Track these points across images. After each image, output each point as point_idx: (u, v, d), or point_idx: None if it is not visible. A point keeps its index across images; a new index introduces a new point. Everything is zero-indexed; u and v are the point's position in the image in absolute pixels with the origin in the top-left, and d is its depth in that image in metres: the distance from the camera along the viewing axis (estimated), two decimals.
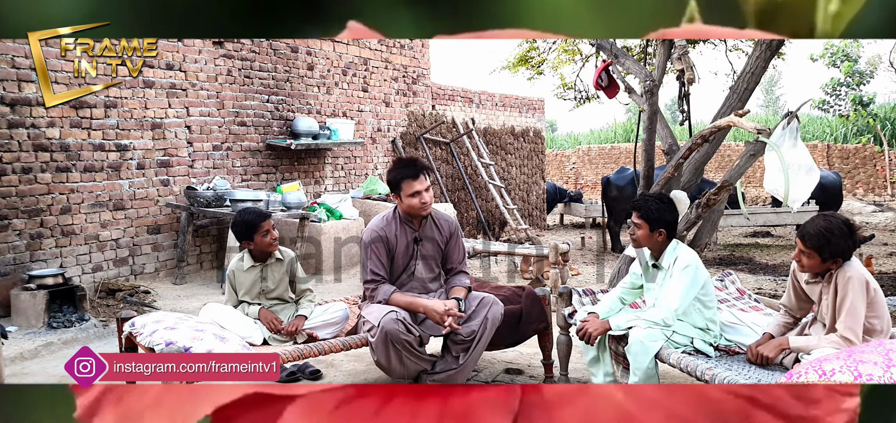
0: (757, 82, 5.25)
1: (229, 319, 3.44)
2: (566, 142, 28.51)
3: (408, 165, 3.46)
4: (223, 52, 7.58)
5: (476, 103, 12.24)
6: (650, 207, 3.26)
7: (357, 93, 9.61)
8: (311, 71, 8.79)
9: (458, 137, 11.38)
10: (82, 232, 6.26)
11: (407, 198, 3.41)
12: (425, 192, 3.42)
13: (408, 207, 3.44)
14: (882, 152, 20.16)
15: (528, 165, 13.68)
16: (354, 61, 9.55)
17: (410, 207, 3.43)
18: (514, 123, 13.36)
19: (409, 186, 3.39)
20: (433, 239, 3.55)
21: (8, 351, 4.59)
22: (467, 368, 3.43)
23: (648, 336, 3.08)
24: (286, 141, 8.14)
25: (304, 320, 3.58)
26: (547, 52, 10.21)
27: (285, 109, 8.40)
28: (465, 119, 11.75)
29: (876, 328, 2.77)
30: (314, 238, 7.34)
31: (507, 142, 13.06)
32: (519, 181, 13.29)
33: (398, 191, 3.43)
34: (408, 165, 3.46)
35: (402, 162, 3.52)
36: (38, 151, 5.89)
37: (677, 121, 11.72)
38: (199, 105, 7.31)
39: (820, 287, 2.89)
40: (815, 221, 2.80)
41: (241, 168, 7.84)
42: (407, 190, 3.40)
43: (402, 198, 3.42)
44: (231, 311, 3.53)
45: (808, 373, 2.34)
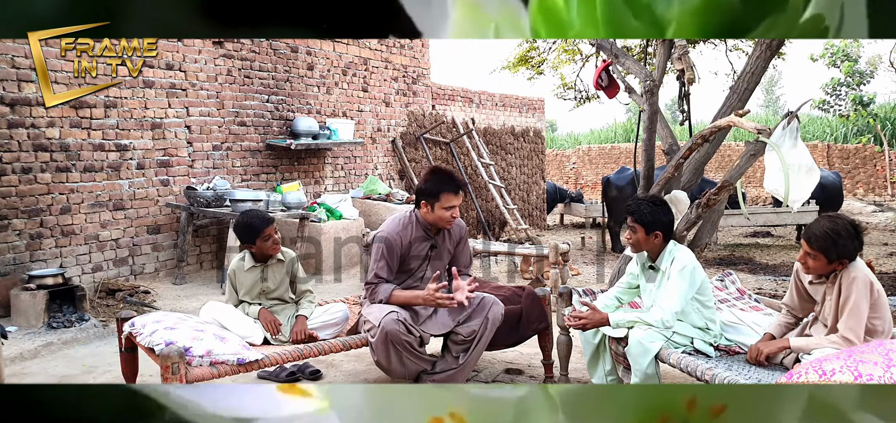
0: (757, 82, 5.24)
1: (229, 317, 3.44)
2: (566, 142, 28.52)
3: (450, 180, 3.41)
4: (223, 52, 7.58)
5: (476, 103, 12.24)
6: (643, 211, 3.26)
7: (357, 93, 9.61)
8: (311, 71, 8.79)
9: (458, 137, 11.38)
10: (82, 232, 6.26)
11: (440, 210, 3.38)
12: (457, 208, 3.41)
13: (437, 219, 3.42)
14: (882, 152, 20.16)
15: (528, 165, 13.67)
16: (354, 61, 9.55)
17: (440, 220, 3.41)
18: (514, 123, 13.36)
19: (448, 200, 3.37)
20: (447, 247, 3.57)
21: (8, 351, 4.58)
22: (467, 368, 3.43)
23: (648, 337, 3.08)
24: (286, 141, 8.14)
25: (306, 321, 3.58)
26: (547, 52, 10.21)
27: (285, 109, 8.39)
28: (465, 119, 11.75)
29: (878, 329, 2.77)
30: (314, 238, 7.34)
31: (507, 142, 13.05)
32: (519, 181, 13.29)
33: (433, 201, 3.38)
34: (450, 179, 3.41)
35: (444, 174, 3.46)
36: (38, 151, 5.89)
37: (677, 121, 11.72)
38: (199, 105, 7.31)
39: (823, 288, 2.88)
40: (821, 222, 2.79)
41: (241, 168, 7.83)
42: (444, 203, 3.37)
43: (435, 208, 3.39)
44: (231, 309, 3.54)
45: (809, 373, 2.34)
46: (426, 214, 3.43)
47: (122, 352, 3.40)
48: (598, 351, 3.50)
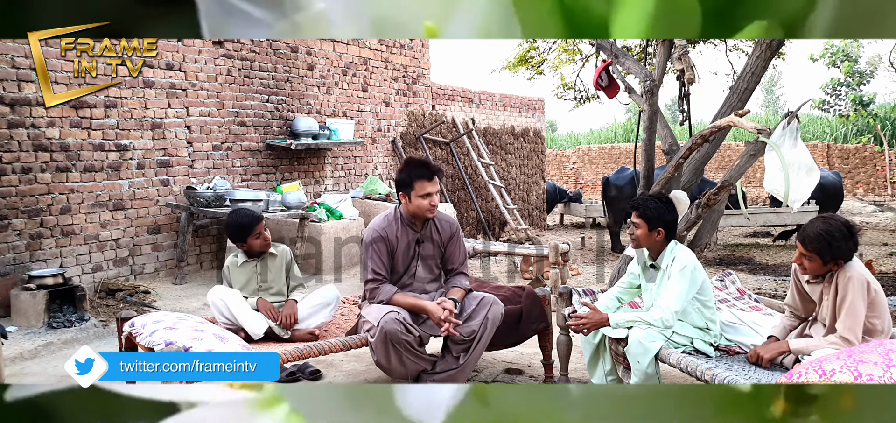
0: (757, 82, 5.24)
1: (234, 302, 3.49)
2: (566, 142, 28.51)
3: (422, 166, 3.42)
4: (223, 52, 7.58)
5: (476, 103, 12.24)
6: (649, 207, 3.26)
7: (357, 93, 9.61)
8: (311, 71, 8.79)
9: (458, 137, 11.38)
10: (82, 232, 6.26)
11: (417, 198, 3.39)
12: (435, 195, 3.41)
13: (415, 209, 3.42)
14: (882, 152, 20.16)
15: (528, 165, 13.67)
16: (354, 61, 9.55)
17: (418, 209, 3.41)
18: (514, 123, 13.36)
19: (422, 187, 3.37)
20: (434, 240, 3.54)
21: (8, 351, 4.59)
22: (467, 368, 3.43)
23: (648, 337, 3.08)
24: (286, 141, 8.14)
25: (296, 304, 3.61)
26: (547, 52, 10.20)
27: (285, 108, 8.39)
28: (465, 119, 11.75)
29: (877, 329, 2.77)
30: (314, 238, 7.34)
31: (507, 142, 13.05)
32: (519, 181, 13.29)
33: (409, 191, 3.40)
34: (422, 165, 3.43)
35: (416, 162, 3.48)
36: (38, 151, 5.89)
37: (677, 121, 11.72)
38: (199, 105, 7.31)
39: (821, 288, 2.89)
40: (815, 224, 2.80)
41: (241, 168, 7.83)
42: (419, 191, 3.37)
43: (412, 198, 3.40)
44: (237, 294, 3.58)
45: (809, 373, 2.34)
46: (406, 205, 3.44)
47: (122, 352, 3.40)
48: (598, 351, 3.50)
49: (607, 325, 3.25)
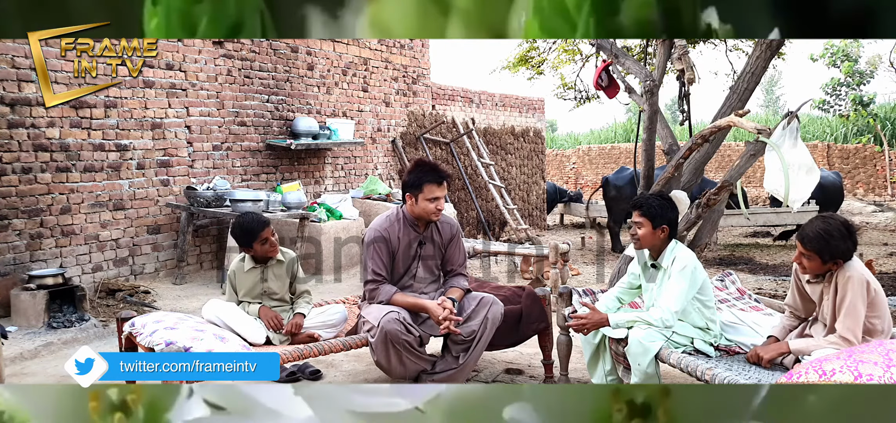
0: (757, 82, 5.24)
1: (232, 315, 3.43)
2: (566, 142, 28.50)
3: (433, 170, 3.40)
4: (223, 52, 7.58)
5: (476, 103, 12.24)
6: (652, 205, 3.27)
7: (357, 93, 9.61)
8: (311, 71, 8.79)
9: (458, 137, 11.38)
10: (82, 232, 6.26)
11: (424, 201, 3.38)
12: (442, 199, 3.40)
13: (421, 211, 3.41)
14: (882, 152, 20.16)
15: (528, 165, 13.67)
16: (354, 61, 9.55)
17: (424, 212, 3.41)
18: (514, 123, 13.36)
19: (431, 191, 3.36)
20: (435, 242, 3.54)
21: (8, 351, 4.58)
22: (467, 368, 3.43)
23: (648, 337, 3.08)
24: (286, 141, 8.14)
25: (303, 318, 3.58)
26: (547, 52, 10.21)
27: (285, 109, 8.40)
28: (465, 119, 11.75)
29: (877, 328, 2.77)
30: (314, 238, 7.35)
31: (507, 142, 13.06)
32: (519, 181, 13.29)
33: (416, 193, 3.38)
34: (433, 169, 3.41)
35: (426, 166, 3.45)
36: (38, 151, 5.89)
37: (677, 121, 11.72)
38: (199, 105, 7.31)
39: (821, 288, 2.89)
40: (814, 223, 2.80)
41: (241, 168, 7.84)
42: (427, 194, 3.36)
43: (419, 200, 3.39)
44: (233, 308, 3.53)
45: (809, 373, 2.34)
46: (411, 207, 3.43)
47: (122, 352, 3.40)
48: (598, 351, 3.50)
49: (607, 325, 3.25)
